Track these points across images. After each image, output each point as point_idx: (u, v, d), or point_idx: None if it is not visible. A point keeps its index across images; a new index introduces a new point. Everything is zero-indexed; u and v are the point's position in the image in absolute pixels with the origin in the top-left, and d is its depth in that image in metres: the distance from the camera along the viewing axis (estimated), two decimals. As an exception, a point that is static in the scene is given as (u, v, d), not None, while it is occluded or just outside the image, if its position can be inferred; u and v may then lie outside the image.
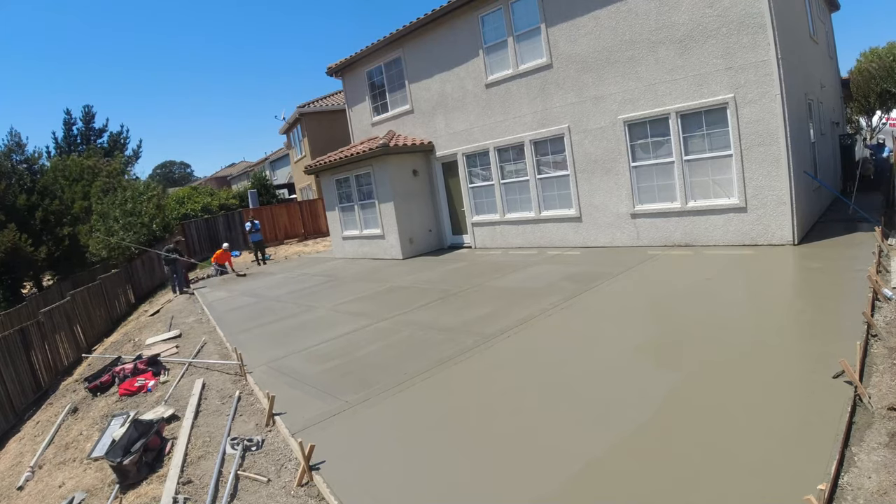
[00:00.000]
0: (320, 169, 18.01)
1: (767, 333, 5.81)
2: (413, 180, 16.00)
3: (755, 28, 9.32)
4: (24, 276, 27.46)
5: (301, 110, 26.93)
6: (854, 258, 8.17)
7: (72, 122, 37.84)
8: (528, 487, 3.69)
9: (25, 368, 10.99)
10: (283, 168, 42.75)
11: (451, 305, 9.20)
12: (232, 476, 4.66)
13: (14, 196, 26.02)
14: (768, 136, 9.51)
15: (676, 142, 10.63)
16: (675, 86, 10.50)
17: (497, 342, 6.90)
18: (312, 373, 6.86)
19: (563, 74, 12.37)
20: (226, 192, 30.41)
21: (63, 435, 7.52)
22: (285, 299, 12.07)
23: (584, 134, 12.18)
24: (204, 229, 23.59)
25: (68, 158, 31.20)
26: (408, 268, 13.93)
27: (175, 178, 71.76)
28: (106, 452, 5.52)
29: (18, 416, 10.31)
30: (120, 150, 37.07)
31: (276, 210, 25.73)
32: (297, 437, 4.84)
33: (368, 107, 18.23)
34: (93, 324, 14.85)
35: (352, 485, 4.11)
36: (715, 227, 10.46)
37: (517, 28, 13.13)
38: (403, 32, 15.56)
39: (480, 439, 4.49)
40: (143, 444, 5.37)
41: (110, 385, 8.45)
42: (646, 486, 3.50)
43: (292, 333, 9.04)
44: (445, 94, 15.31)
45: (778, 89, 9.26)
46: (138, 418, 6.44)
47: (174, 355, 9.24)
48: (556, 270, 10.62)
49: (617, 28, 11.16)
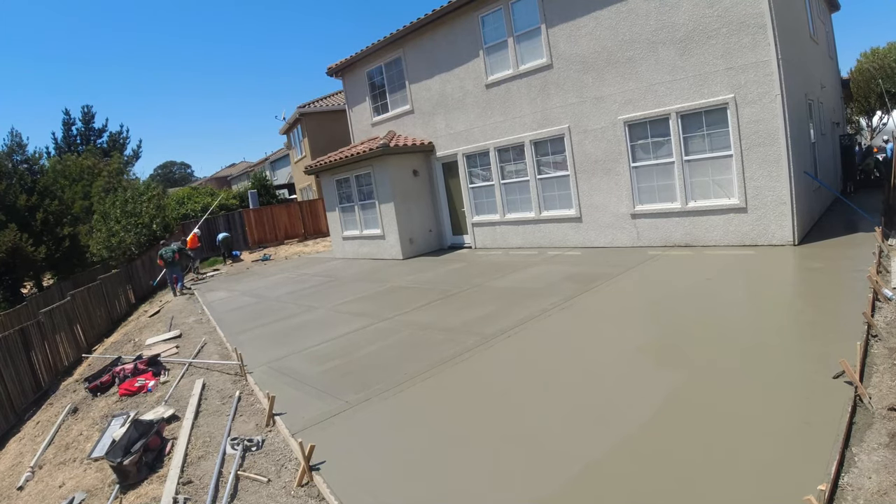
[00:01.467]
0: (320, 169, 18.01)
1: (767, 334, 5.80)
2: (413, 180, 16.00)
3: (755, 28, 9.32)
4: (25, 276, 27.46)
5: (301, 110, 26.93)
6: (854, 258, 8.17)
7: (71, 122, 37.92)
8: (528, 488, 3.69)
9: (25, 368, 10.99)
10: (283, 168, 42.76)
11: (451, 306, 9.20)
12: (232, 476, 4.66)
13: (15, 196, 26.03)
14: (769, 137, 9.51)
15: (677, 142, 10.63)
16: (675, 86, 10.50)
17: (497, 342, 6.90)
18: (313, 373, 6.86)
19: (563, 75, 12.37)
20: (226, 193, 30.38)
21: (63, 435, 7.52)
22: (285, 299, 12.07)
23: (585, 134, 12.18)
24: (204, 230, 23.57)
25: (68, 158, 31.22)
26: (408, 268, 13.93)
27: (175, 178, 71.78)
28: (106, 453, 5.52)
29: (18, 417, 10.30)
30: (119, 150, 37.08)
31: (276, 210, 25.73)
32: (298, 437, 4.83)
33: (369, 107, 18.23)
34: (93, 324, 14.84)
35: (352, 485, 4.11)
36: (715, 227, 10.45)
37: (517, 28, 13.13)
38: (404, 32, 15.57)
39: (481, 439, 4.48)
40: (143, 445, 5.36)
41: (110, 385, 8.45)
42: (646, 486, 3.50)
43: (292, 334, 9.04)
44: (446, 94, 15.31)
45: (778, 89, 9.26)
46: (138, 418, 6.43)
47: (174, 355, 9.24)
48: (557, 271, 10.62)
49: (617, 28, 11.16)
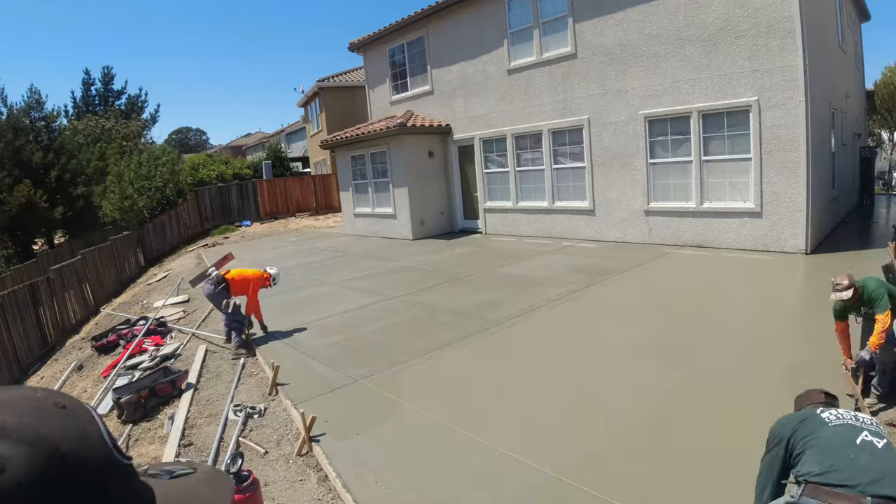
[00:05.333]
0: (336, 144, 18.00)
1: (772, 340, 5.81)
2: (428, 162, 15.97)
3: (784, 32, 9.19)
4: (37, 232, 27.72)
5: (321, 84, 26.80)
6: (864, 272, 8.04)
7: (90, 82, 37.85)
8: (524, 474, 3.74)
9: (33, 323, 11.14)
10: (298, 142, 42.68)
11: (458, 289, 9.23)
12: (233, 441, 4.73)
13: (31, 153, 26.15)
14: (789, 143, 9.42)
15: (696, 141, 10.54)
16: (698, 84, 10.39)
17: (502, 329, 6.93)
18: (318, 346, 6.92)
19: (586, 65, 12.26)
20: (240, 162, 30.37)
21: (67, 391, 7.64)
22: (294, 272, 12.12)
23: (604, 127, 12.10)
24: (217, 198, 23.66)
25: (86, 118, 31.29)
26: (417, 249, 13.96)
27: (191, 144, 71.79)
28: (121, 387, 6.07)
29: (24, 371, 10.46)
30: (137, 114, 37.10)
31: (289, 183, 25.74)
32: (300, 407, 4.89)
33: (388, 85, 18.15)
34: (102, 284, 15.00)
35: (349, 457, 4.17)
36: (728, 229, 10.40)
37: (544, 15, 12.99)
38: (428, 12, 15.45)
39: (479, 422, 4.52)
40: (149, 389, 5.59)
41: (116, 345, 8.57)
42: (644, 486, 3.53)
43: (300, 306, 9.09)
44: (466, 77, 15.22)
45: (803, 95, 9.15)
46: (167, 366, 6.64)
47: (181, 320, 9.33)
48: (566, 262, 10.62)
49: (645, 22, 11.03)
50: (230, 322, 7.06)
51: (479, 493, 3.64)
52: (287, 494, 3.99)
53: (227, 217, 23.71)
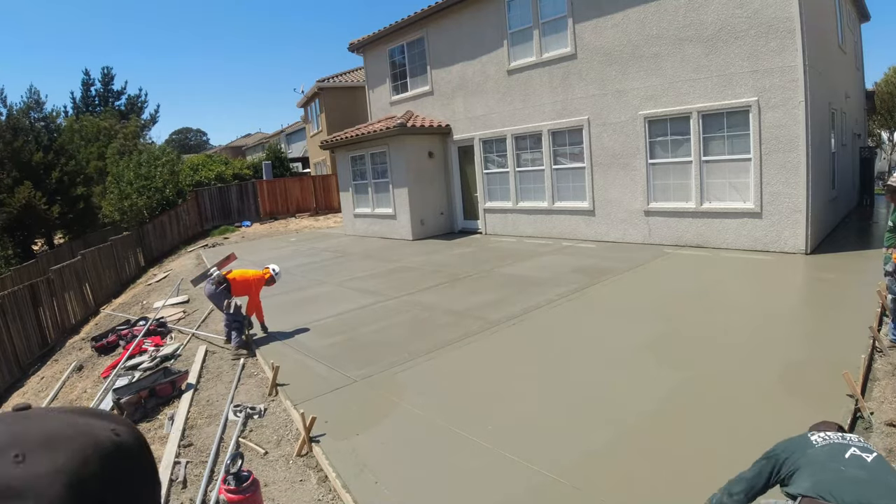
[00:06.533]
0: (336, 145, 18.00)
1: (772, 340, 5.80)
2: (428, 162, 15.97)
3: (784, 33, 9.20)
4: (37, 233, 27.70)
5: (321, 84, 26.82)
6: (863, 271, 8.12)
7: (90, 82, 37.87)
8: (524, 475, 3.74)
9: (33, 324, 11.13)
10: (298, 142, 42.69)
11: (458, 289, 9.23)
12: (233, 442, 4.73)
13: (30, 153, 26.13)
14: (789, 143, 9.42)
15: (696, 141, 10.55)
16: (698, 85, 10.40)
17: (502, 329, 6.93)
18: (318, 346, 6.92)
19: (586, 66, 12.27)
20: (240, 162, 30.36)
21: (67, 392, 7.64)
22: (294, 272, 12.11)
23: (604, 127, 12.10)
24: (217, 198, 23.67)
25: (85, 119, 31.27)
26: (417, 249, 13.96)
27: (191, 144, 71.76)
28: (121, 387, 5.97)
29: (23, 371, 10.45)
30: (137, 114, 37.09)
31: (289, 183, 25.74)
32: (300, 408, 4.89)
33: (388, 85, 18.16)
34: (102, 284, 15.00)
35: (349, 458, 4.17)
36: (727, 230, 10.40)
37: (543, 15, 13.00)
38: (428, 13, 15.45)
39: (479, 422, 4.52)
40: (149, 390, 5.56)
41: (116, 346, 8.56)
42: (644, 486, 3.53)
43: (300, 307, 9.09)
44: (466, 77, 15.22)
45: (802, 96, 9.15)
46: (167, 366, 6.62)
47: (181, 321, 9.33)
48: (566, 262, 10.62)
49: (645, 22, 11.04)
50: (230, 322, 7.06)
51: (479, 493, 3.64)
52: (287, 495, 3.98)
53: (227, 217, 23.73)
